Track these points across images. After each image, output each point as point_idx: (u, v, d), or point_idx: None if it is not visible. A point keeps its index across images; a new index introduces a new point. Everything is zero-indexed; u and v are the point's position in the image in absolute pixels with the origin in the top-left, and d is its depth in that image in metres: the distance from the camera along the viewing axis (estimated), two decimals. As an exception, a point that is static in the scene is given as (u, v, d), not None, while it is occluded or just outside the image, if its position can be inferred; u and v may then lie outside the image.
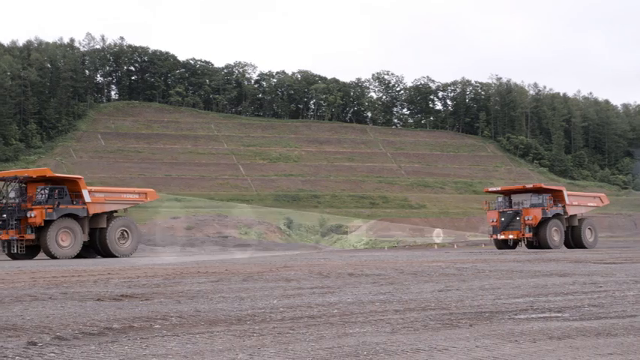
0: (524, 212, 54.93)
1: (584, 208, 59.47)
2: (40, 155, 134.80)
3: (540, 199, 55.52)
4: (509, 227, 55.40)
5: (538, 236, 54.93)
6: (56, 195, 43.91)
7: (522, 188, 58.12)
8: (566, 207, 56.53)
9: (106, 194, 46.77)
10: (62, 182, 45.56)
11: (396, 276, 20.68)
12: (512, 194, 57.54)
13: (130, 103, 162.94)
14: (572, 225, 57.34)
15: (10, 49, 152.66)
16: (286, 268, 24.68)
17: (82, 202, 44.63)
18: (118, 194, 47.96)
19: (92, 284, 18.34)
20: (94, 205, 45.07)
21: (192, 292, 15.77)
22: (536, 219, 54.40)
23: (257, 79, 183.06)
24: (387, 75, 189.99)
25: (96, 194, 45.71)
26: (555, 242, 54.77)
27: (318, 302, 13.55)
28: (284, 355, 8.05)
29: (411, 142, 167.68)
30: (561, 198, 56.76)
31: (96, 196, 45.46)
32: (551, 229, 54.81)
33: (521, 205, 55.83)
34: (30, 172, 45.44)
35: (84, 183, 45.57)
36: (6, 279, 20.49)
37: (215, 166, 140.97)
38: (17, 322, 10.88)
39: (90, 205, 44.85)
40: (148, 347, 8.62)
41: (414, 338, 9.18)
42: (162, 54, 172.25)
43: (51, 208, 43.07)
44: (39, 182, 44.61)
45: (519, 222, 54.84)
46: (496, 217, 56.13)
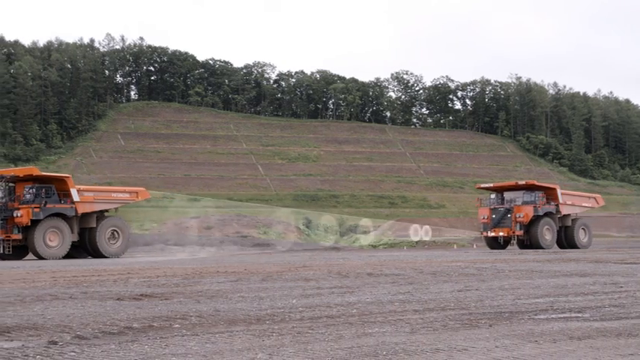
0: (516, 209, 53.91)
1: (579, 208, 58.32)
2: (60, 155, 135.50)
3: (533, 196, 54.56)
4: (500, 225, 54.39)
5: (529, 234, 53.89)
6: (43, 194, 42.97)
7: (515, 185, 57.14)
8: (560, 206, 55.46)
9: (95, 193, 45.99)
10: (50, 181, 44.66)
11: (415, 276, 20.64)
12: (505, 191, 56.45)
13: (150, 104, 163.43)
14: (566, 225, 56.18)
15: (30, 50, 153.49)
16: (305, 268, 24.69)
17: (71, 201, 43.62)
18: (107, 193, 47.29)
19: (112, 284, 18.41)
20: (82, 205, 44.03)
21: (212, 292, 15.80)
22: (528, 217, 53.38)
23: (276, 79, 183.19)
24: (406, 75, 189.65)
25: (85, 193, 44.78)
26: (547, 241, 53.67)
27: (337, 302, 13.54)
28: (303, 355, 8.05)
29: (430, 141, 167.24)
30: (555, 196, 55.71)
31: (85, 196, 44.52)
32: (543, 228, 53.79)
33: (513, 202, 54.79)
34: (17, 171, 44.96)
35: (72, 182, 44.73)
36: (27, 278, 20.61)
37: (234, 166, 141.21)
38: (38, 321, 10.94)
39: (79, 204, 43.82)
40: (168, 347, 8.65)
41: (433, 338, 9.16)
42: (182, 54, 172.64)
43: (38, 208, 42.10)
44: (27, 181, 43.80)
45: (510, 219, 53.79)
46: (487, 214, 55.16)
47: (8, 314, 11.84)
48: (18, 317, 11.41)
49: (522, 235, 53.78)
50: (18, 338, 9.33)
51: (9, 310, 12.53)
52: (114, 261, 36.97)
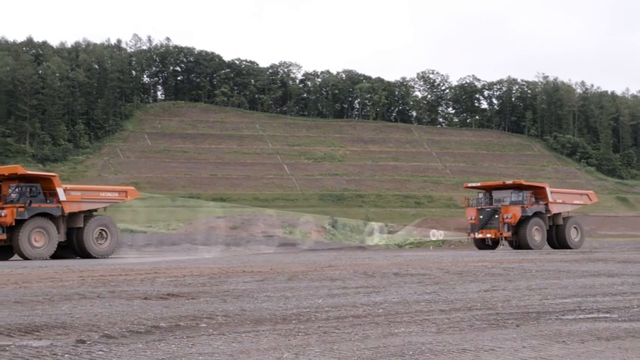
0: (503, 210, 52.47)
1: (570, 206, 56.77)
2: (87, 155, 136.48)
3: (520, 196, 53.20)
4: (487, 226, 53.03)
5: (518, 235, 52.43)
6: (28, 193, 41.54)
7: (502, 184, 55.93)
8: (549, 205, 53.89)
9: (83, 192, 44.37)
10: (36, 180, 43.17)
11: (441, 276, 20.59)
12: (494, 191, 55.01)
13: (176, 104, 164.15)
14: (557, 224, 54.65)
15: (58, 51, 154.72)
16: (331, 268, 24.68)
17: (57, 200, 42.13)
18: (95, 193, 45.52)
19: (139, 283, 18.51)
20: (69, 204, 42.62)
21: (238, 292, 15.85)
22: (516, 217, 51.93)
23: (302, 78, 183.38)
24: (432, 74, 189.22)
25: (72, 193, 43.30)
26: (536, 242, 52.22)
27: (363, 302, 13.53)
28: (329, 355, 8.05)
29: (456, 141, 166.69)
30: (544, 195, 54.21)
31: (72, 195, 43.08)
32: (532, 229, 52.27)
33: (501, 202, 53.49)
34: (1, 169, 43.59)
35: (59, 181, 43.38)
36: (55, 278, 20.77)
37: (260, 166, 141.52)
38: (66, 320, 11.02)
39: (65, 203, 42.34)
40: (195, 346, 8.68)
41: (460, 338, 9.14)
42: (208, 54, 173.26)
43: (22, 207, 40.61)
44: (12, 180, 42.37)
45: (498, 220, 52.50)
46: (474, 214, 53.76)
47: (37, 313, 11.94)
48: (46, 316, 11.50)
49: (511, 236, 52.37)
50: (46, 337, 9.40)
51: (37, 309, 12.63)
52: (141, 260, 37.12)
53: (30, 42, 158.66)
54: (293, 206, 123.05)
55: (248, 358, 7.91)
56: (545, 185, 56.58)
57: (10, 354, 8.16)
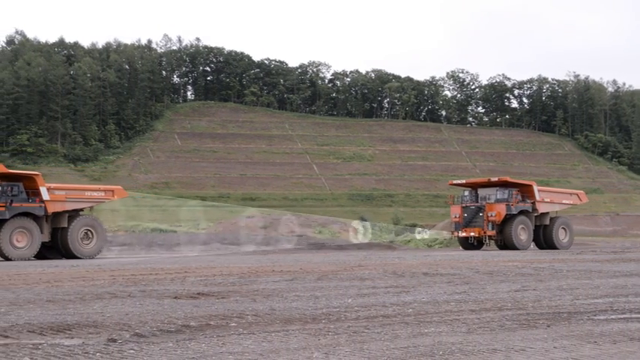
0: (488, 208, 51.06)
1: (558, 206, 55.17)
2: (118, 155, 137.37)
3: (506, 194, 51.73)
4: (471, 224, 51.59)
5: (503, 234, 51.07)
6: (10, 192, 40.33)
7: (487, 182, 54.20)
8: (537, 204, 52.44)
9: (67, 192, 43.26)
10: (18, 179, 42.00)
11: (471, 275, 20.50)
12: (479, 188, 53.59)
13: (206, 104, 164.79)
14: (544, 223, 53.20)
15: (90, 51, 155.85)
16: (360, 267, 24.66)
17: (40, 200, 41.07)
18: (80, 192, 44.37)
19: (169, 282, 18.60)
20: (53, 204, 41.59)
21: (268, 291, 15.88)
22: (500, 215, 50.53)
23: (331, 78, 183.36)
24: (462, 73, 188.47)
25: (55, 192, 42.20)
26: (522, 242, 50.80)
27: (393, 301, 13.51)
28: (359, 354, 8.04)
29: (486, 140, 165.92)
30: (531, 194, 52.76)
31: (55, 194, 41.98)
32: (518, 228, 50.81)
33: (486, 200, 52.03)
34: None
35: (42, 180, 42.19)
36: (86, 277, 20.92)
37: (289, 166, 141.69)
38: (97, 319, 11.10)
39: (49, 203, 41.29)
40: (225, 345, 8.71)
41: (490, 338, 9.10)
42: (237, 54, 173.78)
43: (3, 206, 39.62)
44: None
45: (482, 218, 51.07)
46: (459, 212, 52.43)
47: (68, 312, 12.04)
48: (78, 315, 11.59)
49: (495, 235, 51.11)
50: (78, 336, 9.47)
51: (69, 307, 12.73)
52: (171, 260, 37.29)
53: (62, 43, 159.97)
54: (322, 206, 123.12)
55: (278, 358, 7.93)
56: (532, 183, 55.04)
57: (43, 352, 8.23)
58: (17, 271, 24.34)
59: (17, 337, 9.34)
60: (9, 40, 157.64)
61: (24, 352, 8.25)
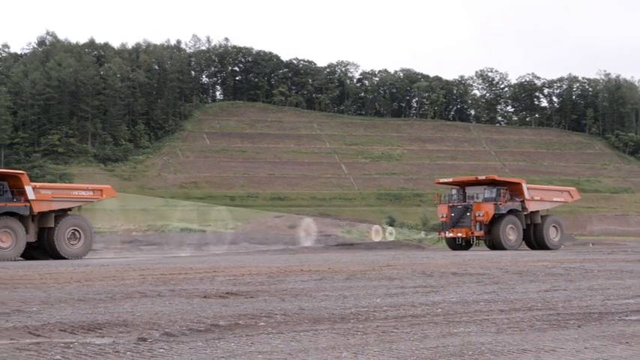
0: (475, 207, 49.84)
1: (549, 204, 53.99)
2: (147, 155, 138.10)
3: (494, 193, 50.50)
4: (458, 224, 50.41)
5: (491, 235, 49.82)
6: None
7: (475, 180, 52.93)
8: (526, 202, 51.09)
9: (54, 191, 42.38)
10: (3, 178, 40.91)
11: (500, 275, 20.41)
12: (467, 187, 52.37)
13: (235, 103, 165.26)
14: (535, 222, 51.86)
15: (119, 52, 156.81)
16: (389, 267, 24.63)
17: (25, 199, 39.95)
18: (67, 191, 43.55)
19: (198, 282, 18.67)
20: (39, 203, 40.46)
21: (296, 291, 15.89)
22: (488, 215, 49.28)
23: (359, 77, 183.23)
24: (491, 72, 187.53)
25: (41, 191, 41.19)
26: (511, 242, 49.47)
27: (422, 301, 13.48)
28: (388, 354, 8.03)
29: (515, 140, 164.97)
30: (520, 192, 51.39)
31: (41, 193, 40.94)
32: (506, 227, 49.52)
33: (474, 199, 50.81)
34: None
35: (27, 179, 40.98)
36: (117, 276, 21.06)
37: (317, 165, 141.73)
38: (128, 318, 11.17)
39: (34, 202, 40.18)
40: (254, 344, 8.74)
41: (520, 338, 9.05)
42: (266, 54, 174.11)
43: None
44: None
45: (470, 218, 49.83)
46: (446, 212, 51.28)
47: (99, 311, 12.13)
48: (108, 314, 11.67)
49: (483, 235, 49.87)
50: (109, 335, 9.54)
51: (100, 307, 12.83)
52: (200, 259, 37.42)
53: (92, 43, 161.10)
54: (350, 206, 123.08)
55: (307, 357, 7.94)
56: (521, 181, 53.74)
57: (74, 351, 8.30)
58: (49, 270, 24.56)
59: (49, 336, 9.42)
60: (40, 41, 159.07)
61: (55, 350, 8.32)
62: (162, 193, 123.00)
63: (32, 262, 34.96)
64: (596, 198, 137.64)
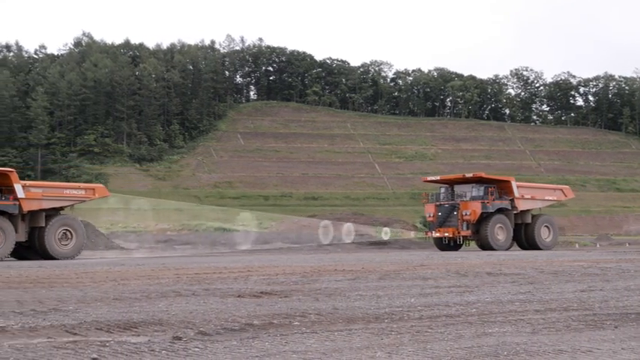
0: (462, 206, 48.54)
1: (540, 202, 52.19)
2: (182, 155, 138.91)
3: (481, 191, 49.02)
4: (445, 223, 49.09)
5: (479, 235, 48.61)
6: None
7: (462, 178, 51.42)
8: (516, 200, 49.69)
9: (44, 190, 41.06)
10: None
11: (535, 275, 20.26)
12: (456, 185, 50.95)
13: (268, 103, 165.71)
14: (525, 222, 50.40)
15: (154, 53, 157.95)
16: (423, 267, 24.55)
17: (14, 197, 38.75)
18: (58, 190, 42.22)
19: (232, 281, 18.73)
20: (29, 202, 39.26)
21: (330, 290, 15.89)
22: (475, 214, 47.99)
23: (393, 77, 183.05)
24: (526, 71, 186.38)
25: (31, 189, 39.93)
26: (500, 242, 48.17)
27: (456, 301, 13.42)
28: (422, 354, 8.01)
29: (550, 139, 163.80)
30: (509, 190, 49.98)
31: (31, 192, 39.69)
32: (494, 227, 48.16)
33: (462, 197, 49.44)
34: None
35: (16, 177, 39.80)
36: (152, 275, 21.19)
37: (351, 165, 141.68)
38: (163, 317, 11.23)
39: (24, 201, 39.00)
40: (288, 344, 8.74)
41: (555, 339, 8.98)
42: (300, 54, 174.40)
43: None
44: None
45: (457, 217, 48.61)
46: (433, 211, 49.93)
47: (134, 310, 12.20)
48: (144, 313, 11.74)
49: (471, 235, 48.75)
50: (144, 333, 9.60)
51: (135, 305, 12.91)
52: (234, 259, 37.52)
53: (127, 44, 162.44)
54: (384, 205, 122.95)
55: (341, 357, 7.93)
56: (510, 179, 52.14)
57: (110, 349, 8.36)
58: (85, 270, 24.77)
59: (85, 335, 9.50)
60: (77, 42, 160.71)
61: (92, 349, 8.39)
62: (196, 193, 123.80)
63: (69, 262, 35.26)
64: (633, 197, 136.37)
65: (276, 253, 51.41)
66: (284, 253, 52.38)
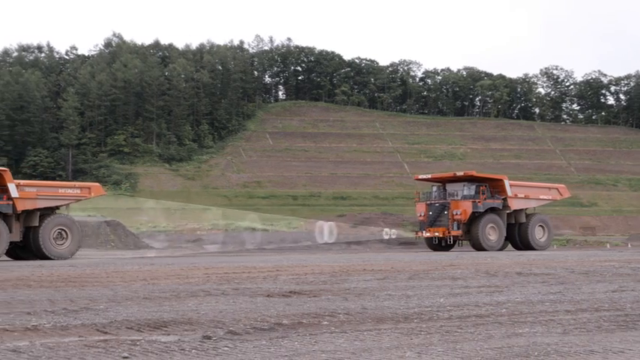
0: (453, 205, 47.71)
1: (535, 202, 51.26)
2: (211, 155, 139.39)
3: (472, 190, 48.15)
4: (436, 223, 48.27)
5: (470, 234, 47.79)
6: None
7: (453, 176, 50.55)
8: (508, 200, 48.76)
9: (39, 189, 40.46)
10: None
11: (566, 275, 20.12)
12: (448, 183, 50.03)
13: (297, 103, 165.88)
14: (519, 221, 49.53)
15: (184, 53, 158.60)
16: (452, 267, 24.47)
17: (8, 197, 38.12)
18: (53, 189, 41.65)
19: (262, 280, 18.78)
20: (23, 201, 38.65)
21: (359, 290, 15.88)
22: (466, 214, 47.17)
23: (422, 76, 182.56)
24: (556, 70, 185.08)
25: (26, 189, 39.39)
26: (491, 242, 47.33)
27: (486, 301, 13.36)
28: (452, 354, 7.98)
29: (581, 138, 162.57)
30: (502, 189, 49.05)
31: (25, 191, 39.12)
32: (486, 227, 47.34)
33: (454, 196, 48.54)
34: None
35: (10, 176, 39.05)
36: (181, 275, 21.29)
37: (380, 165, 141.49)
38: (192, 316, 11.29)
39: (18, 200, 38.35)
40: (317, 343, 8.75)
41: (586, 339, 8.92)
42: (328, 54, 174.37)
43: None
44: None
45: (447, 217, 47.71)
46: (424, 210, 49.13)
47: (164, 309, 12.27)
48: (174, 312, 11.80)
49: (461, 235, 47.87)
50: (174, 332, 9.65)
51: (165, 305, 12.98)
52: (263, 258, 37.63)
53: (157, 45, 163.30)
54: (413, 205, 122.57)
55: (370, 357, 7.92)
56: (503, 177, 51.36)
57: (141, 348, 8.41)
58: (115, 269, 24.94)
59: (116, 334, 9.57)
60: (107, 42, 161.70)
61: (122, 347, 8.45)
62: (225, 193, 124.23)
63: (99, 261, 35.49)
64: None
65: (304, 252, 51.47)
66: (312, 252, 52.44)
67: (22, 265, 30.04)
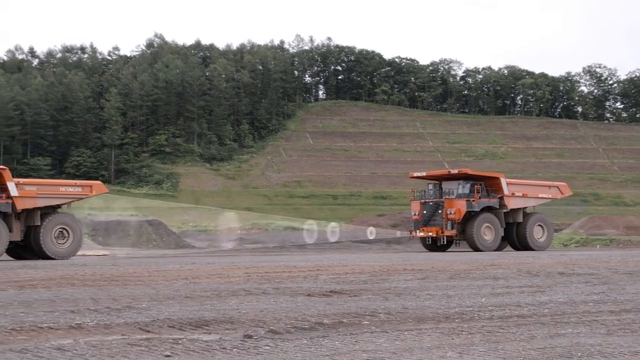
0: (447, 204, 46.36)
1: (533, 201, 49.63)
2: (252, 155, 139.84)
3: (467, 188, 46.85)
4: (430, 222, 46.99)
5: (465, 234, 46.48)
6: None
7: (448, 174, 49.35)
8: (505, 199, 47.37)
9: (39, 187, 39.77)
10: None
11: (609, 275, 19.91)
12: (444, 182, 48.71)
13: (337, 103, 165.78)
14: (517, 221, 48.06)
15: (224, 53, 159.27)
16: (493, 267, 24.34)
17: (7, 196, 37.41)
18: (54, 188, 40.93)
19: (302, 280, 18.81)
20: (23, 200, 37.92)
21: (399, 289, 15.85)
22: (460, 213, 45.89)
23: (462, 75, 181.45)
24: (599, 68, 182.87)
25: (25, 187, 38.66)
26: (487, 242, 46.04)
27: (528, 301, 13.27)
28: (494, 355, 7.94)
29: (624, 137, 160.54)
30: (498, 187, 47.65)
31: (25, 190, 38.37)
32: (481, 226, 46.09)
33: (449, 195, 47.28)
34: None
35: (9, 174, 38.39)
36: (222, 274, 21.40)
37: (420, 164, 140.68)
38: (234, 315, 11.34)
39: (17, 199, 37.64)
40: (358, 343, 8.75)
41: (631, 340, 8.82)
42: (368, 53, 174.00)
43: None
44: None
45: (441, 216, 46.53)
46: (418, 209, 47.77)
47: (206, 308, 12.35)
48: (215, 311, 11.87)
49: (456, 235, 46.66)
50: (215, 331, 9.71)
51: (206, 304, 13.06)
52: (303, 258, 37.64)
53: (198, 45, 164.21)
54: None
55: (411, 356, 7.91)
56: (499, 175, 50.08)
57: (183, 347, 8.48)
58: (157, 268, 25.14)
59: (158, 332, 9.65)
60: (149, 43, 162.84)
61: (165, 346, 8.51)
62: (265, 192, 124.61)
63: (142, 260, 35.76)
64: None
65: (345, 252, 51.46)
66: (353, 252, 52.41)
67: (66, 264, 30.39)
